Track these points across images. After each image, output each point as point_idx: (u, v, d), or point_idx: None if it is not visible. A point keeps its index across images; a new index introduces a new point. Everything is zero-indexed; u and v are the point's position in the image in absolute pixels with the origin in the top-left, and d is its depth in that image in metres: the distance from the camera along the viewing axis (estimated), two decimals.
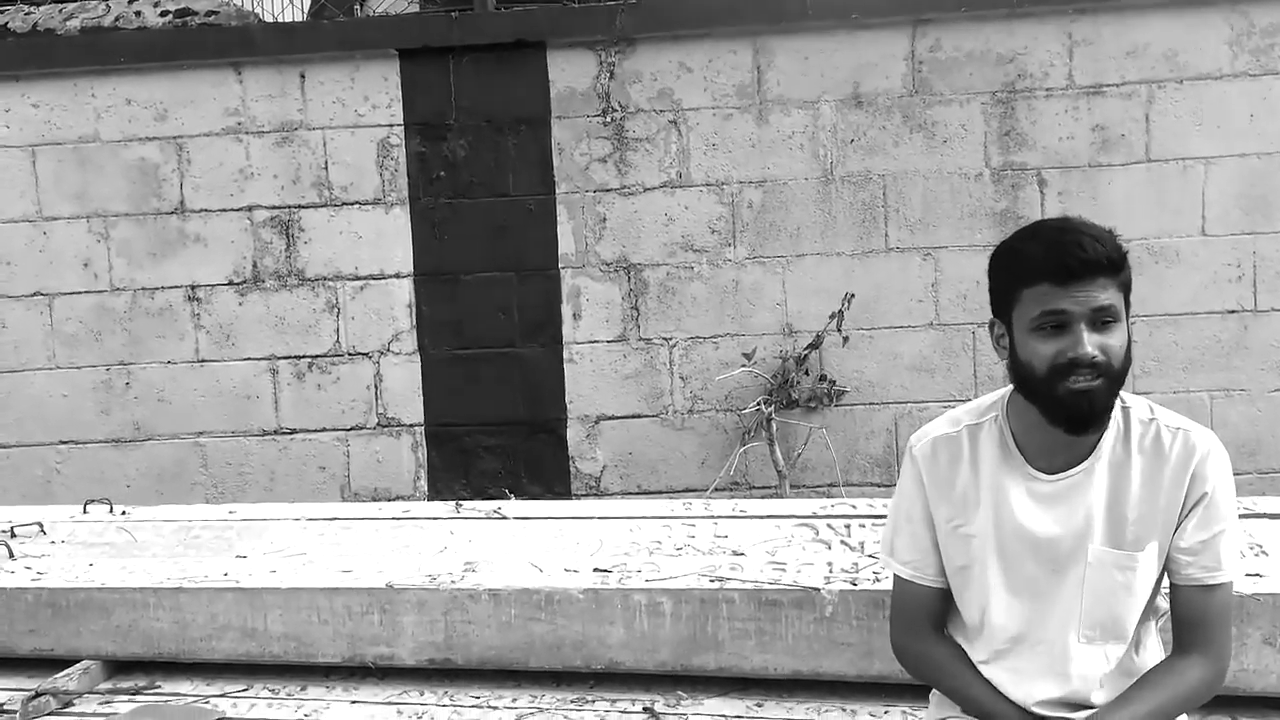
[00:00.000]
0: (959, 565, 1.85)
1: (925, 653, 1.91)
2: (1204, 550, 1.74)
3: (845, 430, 4.47)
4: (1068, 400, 1.65)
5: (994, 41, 4.35)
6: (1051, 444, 1.75)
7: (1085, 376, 1.63)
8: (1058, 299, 1.64)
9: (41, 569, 2.98)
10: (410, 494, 4.56)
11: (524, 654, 2.65)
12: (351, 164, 4.51)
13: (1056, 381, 1.65)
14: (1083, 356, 1.63)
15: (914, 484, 1.88)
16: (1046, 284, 1.64)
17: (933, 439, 1.87)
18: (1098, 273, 1.64)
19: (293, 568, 2.89)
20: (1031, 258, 1.67)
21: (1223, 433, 4.35)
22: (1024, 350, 1.69)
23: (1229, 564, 1.75)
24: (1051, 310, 1.64)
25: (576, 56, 4.44)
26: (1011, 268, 1.71)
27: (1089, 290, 1.63)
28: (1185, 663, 1.74)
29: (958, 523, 1.83)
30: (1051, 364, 1.65)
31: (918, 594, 1.90)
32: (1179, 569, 1.76)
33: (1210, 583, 1.74)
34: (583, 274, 4.50)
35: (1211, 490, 1.75)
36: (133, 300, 4.56)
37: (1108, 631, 1.77)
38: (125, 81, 4.51)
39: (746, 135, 4.43)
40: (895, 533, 1.92)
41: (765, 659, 2.54)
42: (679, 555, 2.82)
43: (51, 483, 4.60)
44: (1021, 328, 1.69)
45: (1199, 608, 1.75)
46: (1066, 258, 1.63)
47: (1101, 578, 1.75)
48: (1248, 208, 4.33)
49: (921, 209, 4.40)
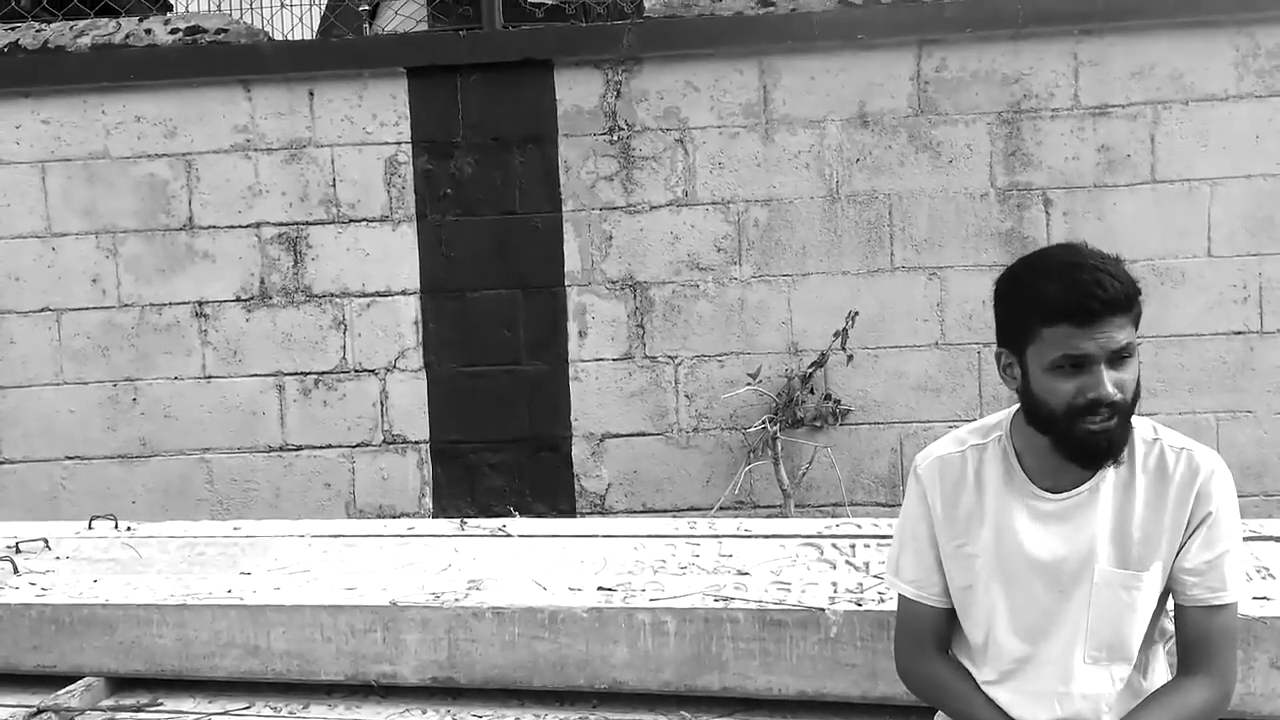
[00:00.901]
0: (963, 585, 1.85)
1: (930, 674, 1.91)
2: (1209, 571, 1.74)
3: (850, 449, 4.46)
4: (1086, 440, 1.66)
5: (1000, 62, 4.37)
6: (1057, 465, 1.75)
7: (1103, 416, 1.63)
8: (1078, 340, 1.62)
9: (46, 585, 2.98)
10: (415, 511, 4.56)
11: (527, 673, 2.65)
12: (359, 181, 4.53)
13: (1075, 421, 1.65)
14: (1103, 397, 1.63)
15: (919, 503, 1.88)
16: (1067, 325, 1.62)
17: (937, 458, 1.87)
18: (1116, 311, 1.63)
19: (296, 585, 2.88)
20: (1052, 298, 1.64)
21: (1229, 455, 4.35)
22: (1040, 387, 1.68)
23: (1234, 585, 1.75)
24: (1073, 353, 1.63)
25: (584, 75, 4.46)
26: (1029, 305, 1.68)
27: (1108, 331, 1.62)
28: (1190, 684, 1.74)
29: (961, 542, 1.84)
30: (1070, 404, 1.65)
31: (922, 614, 1.90)
32: (1184, 590, 1.75)
33: (1215, 603, 1.74)
34: (588, 292, 4.50)
35: (1216, 510, 1.75)
36: (140, 316, 4.57)
37: (1114, 652, 1.77)
38: (135, 98, 4.54)
39: (752, 154, 4.44)
40: (900, 552, 1.93)
41: (769, 679, 2.53)
42: (683, 574, 2.81)
43: (57, 498, 4.60)
44: (1038, 365, 1.68)
45: (1203, 629, 1.74)
46: (1089, 300, 1.61)
47: (1107, 598, 1.74)
48: (1254, 229, 4.33)
49: (927, 228, 4.40)
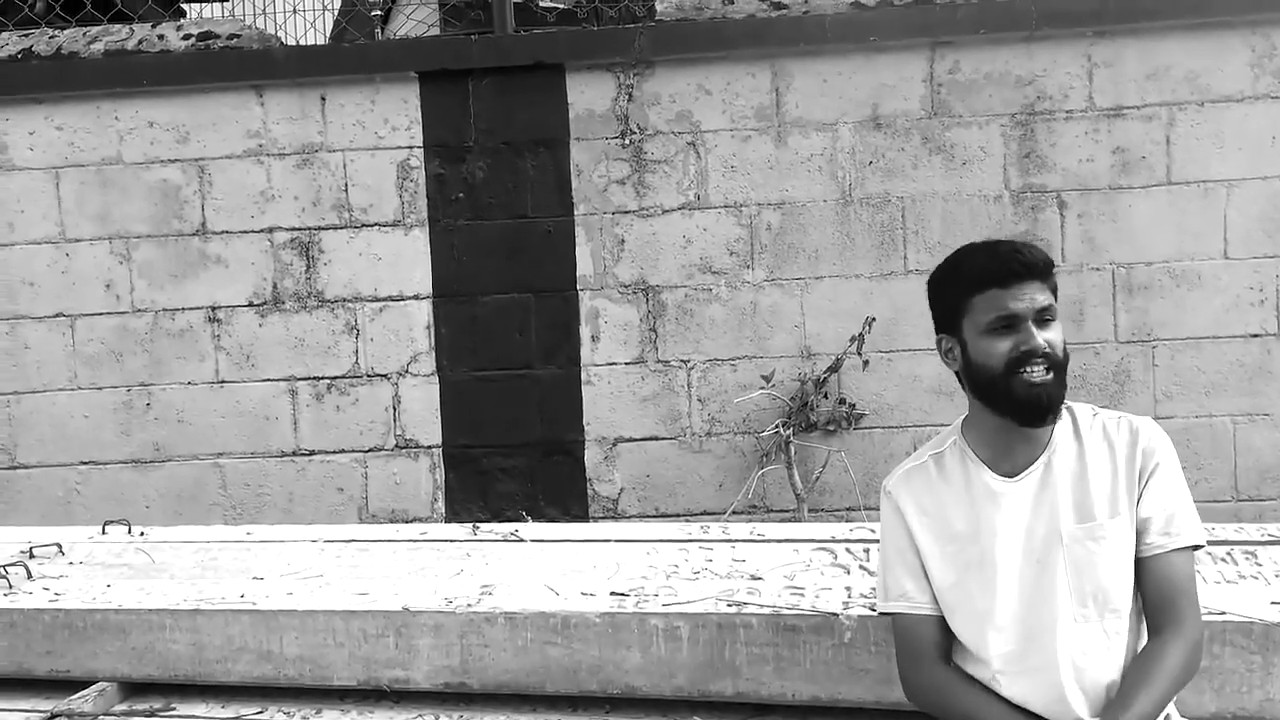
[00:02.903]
0: (949, 584, 1.92)
1: (937, 684, 1.95)
2: (1165, 515, 1.85)
3: (864, 453, 4.45)
4: (1024, 393, 1.81)
5: (1013, 64, 4.35)
6: (1008, 447, 1.90)
7: (1038, 367, 1.80)
8: (1006, 300, 1.82)
9: (59, 590, 2.98)
10: (428, 516, 4.56)
11: (540, 678, 2.64)
12: (371, 186, 4.53)
13: (1012, 375, 1.81)
14: (1036, 348, 1.80)
15: (894, 517, 2.00)
16: (995, 289, 1.83)
17: (903, 473, 2.02)
18: (1035, 275, 1.83)
19: (309, 590, 2.88)
20: (979, 267, 1.86)
21: (1246, 458, 4.34)
22: (978, 352, 1.86)
23: (1190, 529, 1.85)
24: (1002, 312, 1.82)
25: (595, 79, 4.46)
26: (959, 280, 1.89)
27: (1030, 293, 1.82)
28: (1163, 645, 1.81)
29: (940, 542, 1.93)
30: (1007, 358, 1.82)
31: (919, 627, 1.96)
32: (1144, 539, 1.85)
33: (1173, 547, 1.84)
34: (601, 296, 4.50)
35: (1162, 461, 1.87)
36: (154, 321, 4.59)
37: (1100, 605, 1.83)
38: (148, 104, 4.55)
39: (765, 157, 4.43)
40: (886, 572, 2.02)
41: (783, 685, 2.52)
42: (696, 579, 2.80)
43: (71, 503, 4.62)
44: (974, 333, 1.87)
45: (1165, 577, 1.83)
46: (1012, 263, 1.83)
47: (1079, 554, 1.83)
48: (1271, 231, 4.30)
49: (941, 231, 4.38)
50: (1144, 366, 4.36)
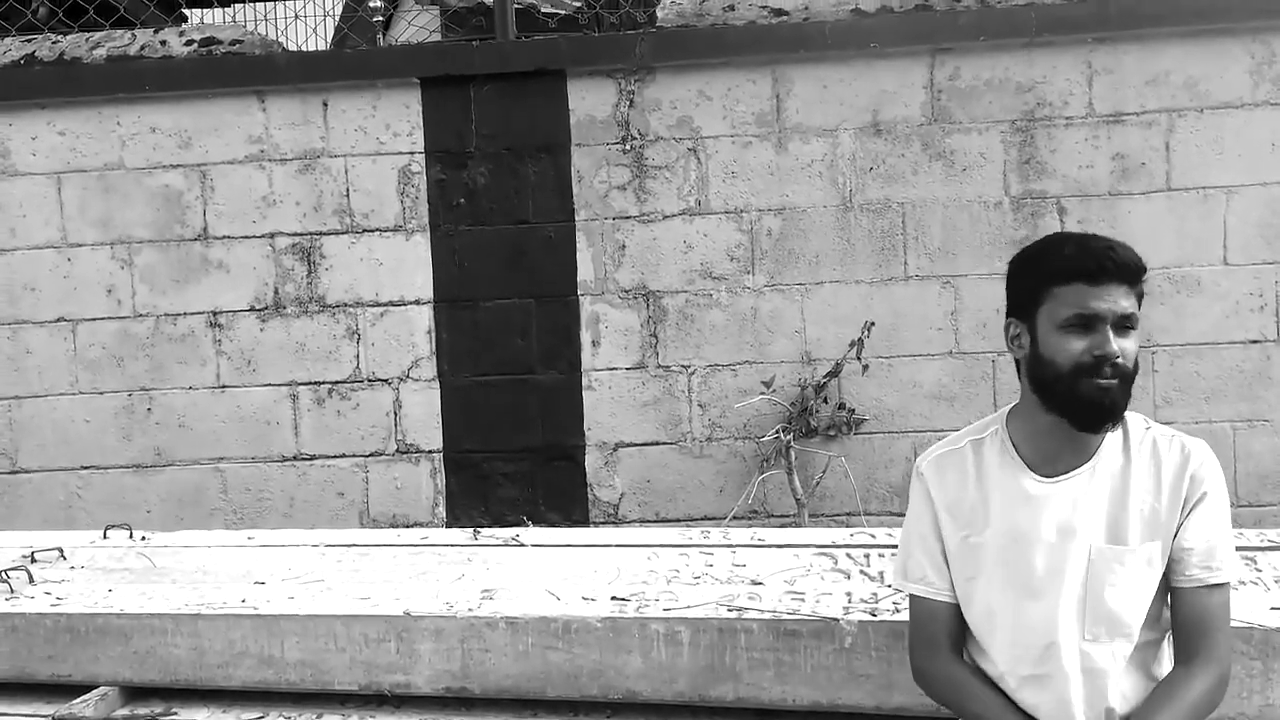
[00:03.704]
0: (968, 577, 1.89)
1: (946, 674, 1.93)
2: (1206, 548, 1.79)
3: (864, 459, 4.45)
4: (1089, 396, 1.72)
5: (1013, 70, 4.36)
6: (1054, 450, 1.82)
7: (1108, 375, 1.71)
8: (1089, 299, 1.72)
9: (61, 594, 2.98)
10: (429, 521, 4.56)
11: (541, 683, 2.64)
12: (373, 191, 4.54)
13: (1080, 378, 1.72)
14: (1109, 354, 1.71)
15: (922, 501, 1.94)
16: (1080, 283, 1.72)
17: (938, 455, 1.95)
18: (1124, 278, 1.73)
19: (310, 595, 2.88)
20: (1067, 258, 1.75)
21: (1246, 464, 4.34)
22: (1048, 346, 1.76)
23: (1229, 565, 1.80)
24: (1084, 310, 1.72)
25: (596, 85, 4.47)
26: (1043, 266, 1.78)
27: (1116, 296, 1.72)
28: (1191, 673, 1.77)
29: (966, 534, 1.89)
30: (1077, 360, 1.72)
31: (935, 611, 1.93)
32: (1182, 569, 1.79)
33: (1211, 582, 1.79)
34: (601, 301, 4.51)
35: (1210, 491, 1.80)
36: (155, 326, 4.59)
37: (1113, 629, 1.79)
38: (150, 109, 4.56)
39: (766, 163, 4.44)
40: (908, 554, 1.97)
41: (783, 690, 2.52)
42: (697, 584, 2.80)
43: (73, 508, 4.62)
44: (1048, 325, 1.76)
45: (1201, 608, 1.79)
46: (1104, 260, 1.72)
47: (1102, 573, 1.79)
48: (1270, 237, 4.31)
49: (941, 237, 4.39)
50: (1144, 372, 4.37)
